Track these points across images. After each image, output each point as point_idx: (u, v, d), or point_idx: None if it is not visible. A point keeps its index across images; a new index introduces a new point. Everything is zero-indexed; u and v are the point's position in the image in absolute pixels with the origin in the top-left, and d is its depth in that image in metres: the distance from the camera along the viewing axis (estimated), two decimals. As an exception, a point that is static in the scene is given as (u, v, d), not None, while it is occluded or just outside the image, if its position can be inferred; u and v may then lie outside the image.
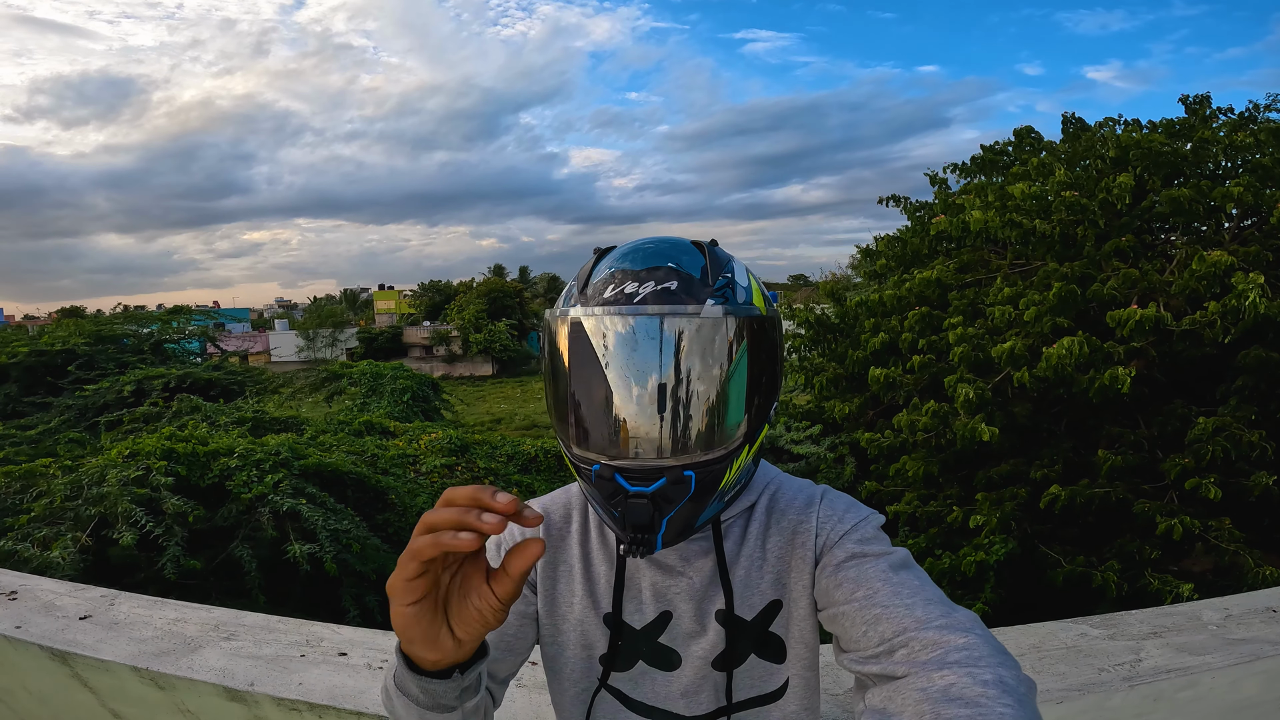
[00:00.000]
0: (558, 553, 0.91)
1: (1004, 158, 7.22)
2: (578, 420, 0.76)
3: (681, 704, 0.87)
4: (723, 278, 0.75)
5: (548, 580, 0.90)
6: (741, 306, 0.75)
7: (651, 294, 0.72)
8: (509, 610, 0.61)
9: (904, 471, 5.74)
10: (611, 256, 0.79)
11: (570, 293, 0.79)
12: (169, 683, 1.43)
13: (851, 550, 0.78)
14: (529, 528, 0.77)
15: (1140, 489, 4.85)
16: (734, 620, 0.84)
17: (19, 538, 3.69)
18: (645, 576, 0.86)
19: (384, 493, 5.37)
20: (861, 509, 0.84)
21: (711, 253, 0.78)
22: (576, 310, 0.74)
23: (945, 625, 0.64)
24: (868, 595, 0.71)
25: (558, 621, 0.89)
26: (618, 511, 0.74)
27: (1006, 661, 0.60)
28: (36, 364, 8.04)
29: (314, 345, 39.05)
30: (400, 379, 10.51)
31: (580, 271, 0.80)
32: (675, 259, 0.75)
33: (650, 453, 0.73)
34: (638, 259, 0.76)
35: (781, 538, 0.84)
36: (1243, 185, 4.80)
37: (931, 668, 0.60)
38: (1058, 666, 1.28)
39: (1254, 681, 1.32)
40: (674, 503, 0.74)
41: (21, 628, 1.61)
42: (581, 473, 0.77)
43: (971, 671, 0.57)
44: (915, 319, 5.85)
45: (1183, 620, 1.43)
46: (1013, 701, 0.54)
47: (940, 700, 0.56)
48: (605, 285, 0.74)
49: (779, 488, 0.89)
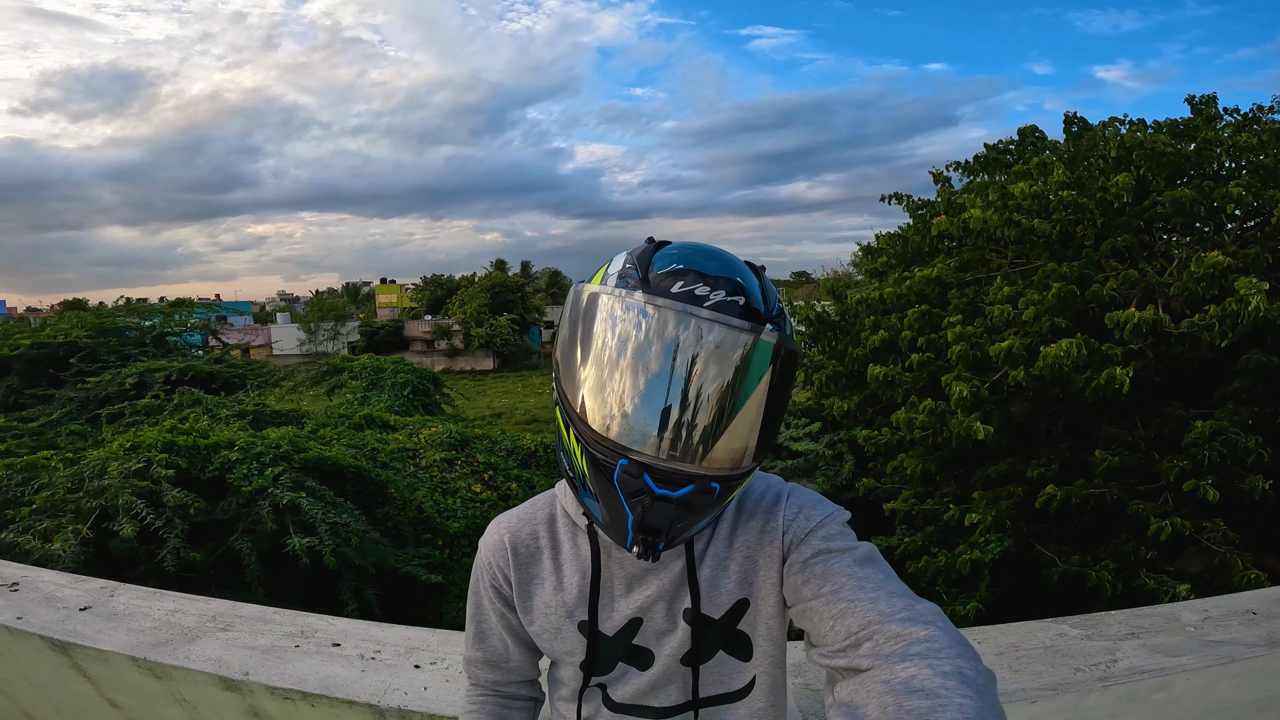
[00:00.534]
0: (530, 569, 0.91)
1: (1008, 156, 7.20)
2: (615, 408, 0.73)
3: (651, 697, 0.89)
4: (778, 306, 0.77)
5: (524, 596, 0.91)
6: (788, 338, 0.75)
7: (723, 303, 0.71)
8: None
9: (901, 469, 5.75)
10: (672, 251, 0.77)
11: (627, 273, 0.76)
12: (166, 672, 1.46)
13: (818, 547, 0.79)
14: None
15: (1136, 490, 4.86)
16: (701, 619, 0.85)
17: (20, 530, 3.72)
18: (618, 581, 0.88)
19: (384, 486, 5.39)
20: (827, 505, 0.86)
21: (764, 279, 0.79)
22: (639, 295, 0.72)
23: (908, 618, 0.65)
24: (834, 590, 0.73)
25: (539, 632, 0.91)
26: (633, 511, 0.73)
27: (966, 653, 0.61)
28: (39, 356, 8.08)
29: (315, 339, 39.15)
30: (401, 373, 10.52)
31: (634, 253, 0.78)
32: (741, 274, 0.76)
33: (688, 459, 0.72)
34: (707, 262, 0.75)
35: (749, 536, 0.86)
36: (1244, 186, 4.80)
37: (894, 660, 0.61)
38: (1034, 666, 1.29)
39: (1229, 684, 1.33)
40: (695, 511, 0.74)
41: (23, 619, 1.64)
42: (599, 464, 0.74)
43: (932, 663, 0.59)
44: (915, 317, 5.85)
45: (1161, 621, 1.44)
46: (971, 692, 0.56)
47: (902, 692, 0.58)
48: (673, 280, 0.73)
49: (747, 487, 0.89)
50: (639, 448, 0.71)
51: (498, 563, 0.91)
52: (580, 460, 0.77)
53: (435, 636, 1.52)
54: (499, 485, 6.50)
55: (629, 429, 0.72)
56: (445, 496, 6.09)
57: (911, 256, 6.92)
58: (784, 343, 0.73)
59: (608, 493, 0.75)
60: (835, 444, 8.12)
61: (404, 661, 1.42)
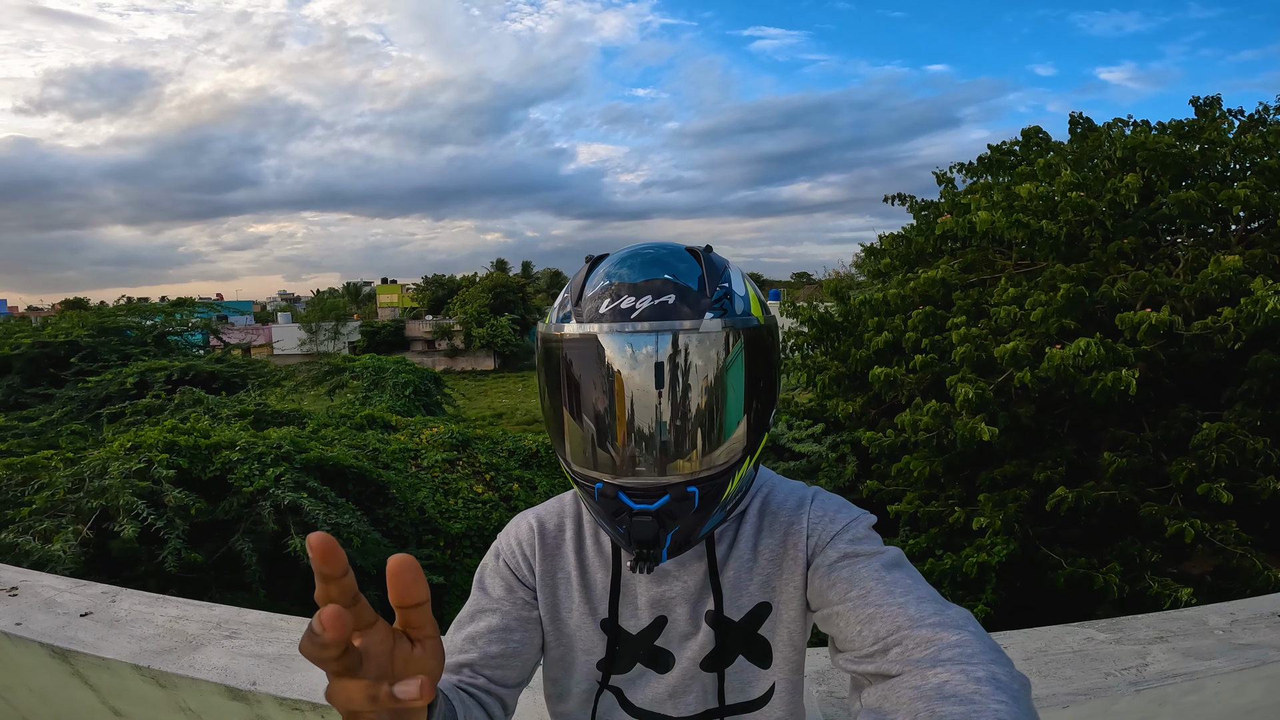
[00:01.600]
0: (555, 561, 0.90)
1: (1011, 158, 7.19)
2: (576, 439, 0.75)
3: (669, 705, 0.87)
4: (720, 287, 0.74)
5: (548, 589, 0.90)
6: (740, 317, 0.73)
7: (649, 308, 0.70)
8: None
9: (906, 471, 5.73)
10: (605, 265, 0.77)
11: (564, 304, 0.76)
12: (170, 681, 1.42)
13: (844, 550, 0.78)
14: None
15: (1145, 492, 4.84)
16: (722, 621, 0.84)
17: (20, 530, 3.69)
18: (641, 582, 0.87)
19: (385, 487, 5.37)
20: (853, 509, 0.84)
21: (708, 260, 0.76)
22: (572, 326, 0.73)
23: (938, 623, 0.64)
24: (861, 595, 0.71)
25: (560, 627, 0.90)
26: (622, 528, 0.73)
27: (999, 658, 0.60)
28: (39, 355, 8.04)
29: (316, 338, 39.13)
30: (402, 373, 10.51)
31: (572, 282, 0.78)
32: (672, 269, 0.74)
33: (653, 471, 0.72)
34: (634, 269, 0.74)
35: (773, 540, 0.84)
36: (1250, 187, 4.78)
37: (925, 665, 0.60)
38: (1064, 670, 1.28)
39: (1259, 686, 1.32)
40: (678, 518, 0.73)
41: (22, 625, 1.60)
42: (583, 489, 0.76)
43: (965, 669, 0.57)
44: (919, 318, 5.83)
45: (1189, 625, 1.43)
46: (1006, 698, 0.54)
47: (935, 698, 0.56)
48: (601, 298, 0.72)
49: (771, 490, 0.88)
50: (606, 472, 0.73)
51: (523, 550, 0.90)
52: (574, 485, 0.80)
53: (442, 641, 1.49)
54: (500, 486, 6.48)
55: (591, 456, 0.74)
56: (447, 497, 6.07)
57: (915, 257, 6.90)
58: (732, 324, 0.72)
59: (597, 512, 0.77)
60: (838, 445, 8.10)
61: (414, 669, 1.39)
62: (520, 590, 0.89)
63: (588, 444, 0.74)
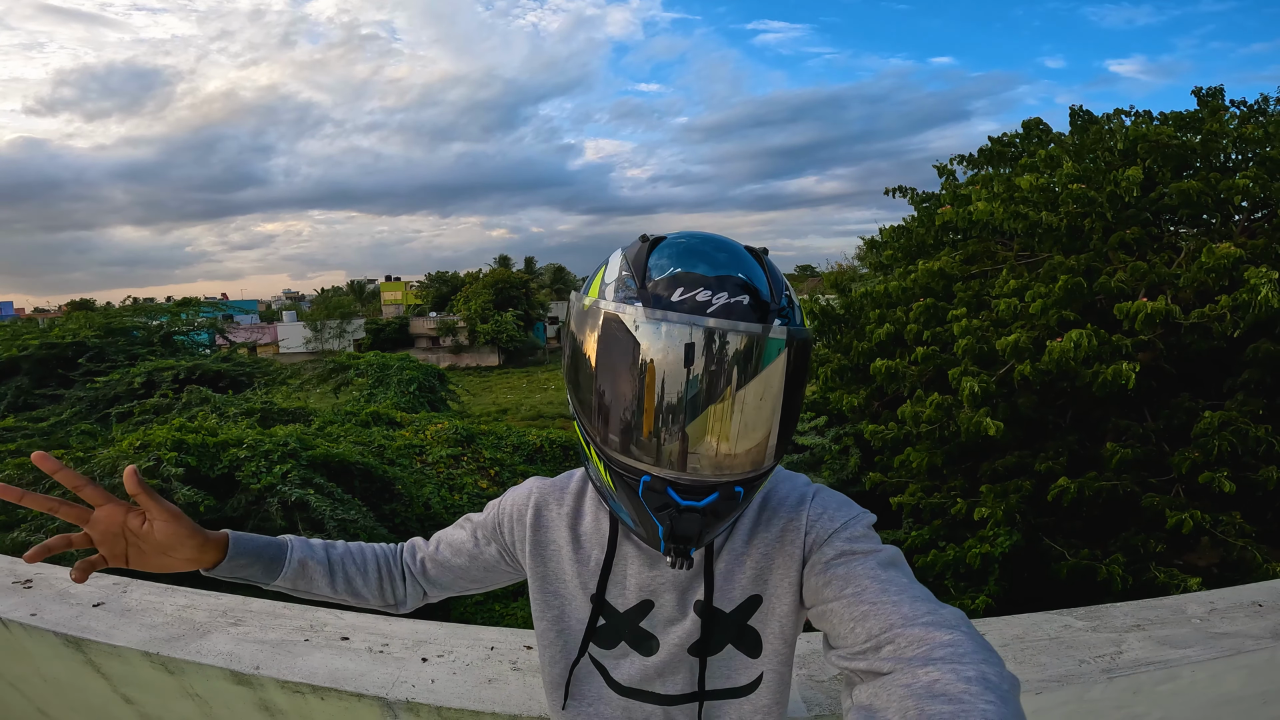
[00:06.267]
0: (545, 533, 0.94)
1: (1012, 149, 7.16)
2: (627, 429, 0.72)
3: (658, 683, 0.90)
4: (785, 296, 0.74)
5: (537, 560, 0.93)
6: (800, 329, 0.74)
7: (726, 306, 0.69)
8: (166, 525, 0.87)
9: (908, 463, 5.74)
10: (669, 252, 0.74)
11: (624, 284, 0.73)
12: (178, 667, 1.47)
13: (841, 548, 0.78)
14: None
15: (1148, 482, 4.84)
16: (712, 611, 0.86)
17: (33, 529, 3.77)
18: (632, 565, 0.88)
19: (391, 483, 5.43)
20: (853, 508, 0.84)
21: (770, 265, 0.75)
22: (639, 309, 0.69)
23: (931, 622, 0.64)
24: (856, 592, 0.72)
25: (549, 599, 0.93)
26: (663, 523, 0.73)
27: (990, 658, 0.60)
28: (47, 356, 8.14)
29: (321, 336, 39.30)
30: (407, 370, 10.57)
31: (631, 260, 0.75)
32: (745, 268, 0.73)
33: (709, 469, 0.71)
34: (705, 263, 0.72)
35: (769, 534, 0.85)
36: (1251, 178, 4.76)
37: (916, 664, 0.60)
38: (1039, 657, 1.29)
39: (1235, 676, 1.32)
40: (722, 516, 0.74)
41: (37, 615, 1.65)
42: (624, 480, 0.74)
43: (955, 668, 0.58)
44: (920, 310, 5.83)
45: (1167, 613, 1.44)
46: (995, 698, 0.55)
47: (924, 696, 0.57)
48: (672, 287, 0.70)
49: (773, 485, 0.89)
50: (660, 465, 0.71)
51: (516, 513, 0.96)
52: (605, 475, 0.77)
53: (442, 630, 1.53)
54: (505, 481, 6.54)
55: (648, 449, 0.71)
56: (452, 492, 6.12)
57: (916, 249, 6.89)
58: (795, 334, 0.72)
59: (636, 506, 0.75)
60: (841, 438, 8.11)
61: (412, 655, 1.43)
62: (496, 545, 0.99)
63: (643, 435, 0.71)
